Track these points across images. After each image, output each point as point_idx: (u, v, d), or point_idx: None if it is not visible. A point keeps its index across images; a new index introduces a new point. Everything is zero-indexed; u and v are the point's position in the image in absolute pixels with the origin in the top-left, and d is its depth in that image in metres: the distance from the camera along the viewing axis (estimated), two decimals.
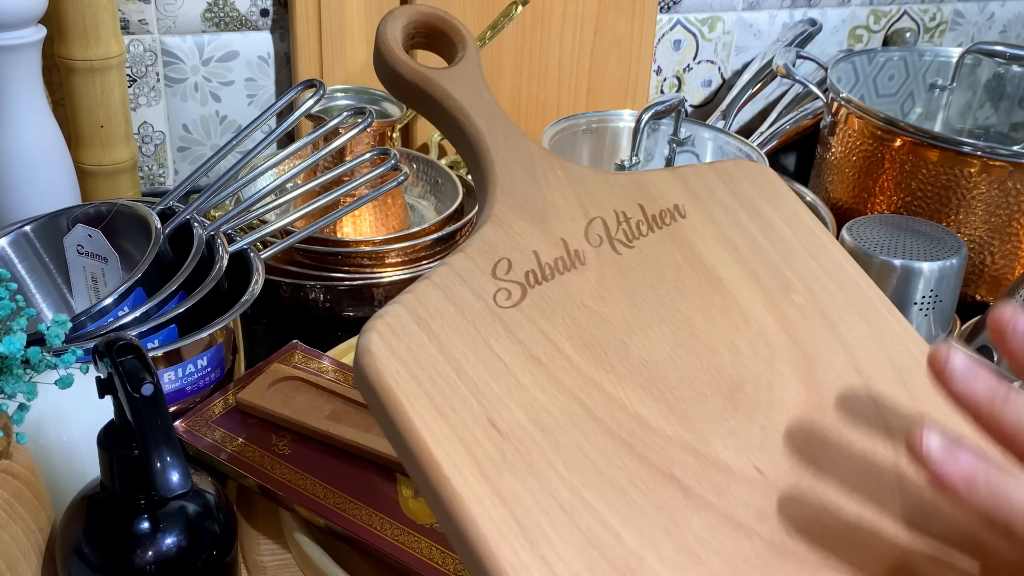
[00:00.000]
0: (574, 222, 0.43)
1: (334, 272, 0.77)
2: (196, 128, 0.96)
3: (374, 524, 0.51)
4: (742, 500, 0.36)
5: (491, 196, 0.43)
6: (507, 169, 0.44)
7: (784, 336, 0.42)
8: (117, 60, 0.81)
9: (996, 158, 0.80)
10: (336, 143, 0.71)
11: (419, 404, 0.34)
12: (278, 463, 0.55)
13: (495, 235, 0.41)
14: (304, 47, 0.92)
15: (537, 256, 0.41)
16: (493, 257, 0.40)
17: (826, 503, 0.37)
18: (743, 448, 0.38)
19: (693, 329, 0.41)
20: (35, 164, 0.75)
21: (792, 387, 0.41)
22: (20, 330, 0.45)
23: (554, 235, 0.42)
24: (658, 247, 0.44)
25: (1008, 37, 1.24)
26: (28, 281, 0.67)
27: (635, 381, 0.39)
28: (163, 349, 0.57)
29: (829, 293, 0.45)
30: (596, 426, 0.36)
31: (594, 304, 0.41)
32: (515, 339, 0.38)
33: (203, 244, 0.64)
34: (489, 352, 0.37)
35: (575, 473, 0.35)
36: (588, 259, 0.42)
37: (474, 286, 0.39)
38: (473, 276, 0.39)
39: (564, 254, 0.42)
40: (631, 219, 0.44)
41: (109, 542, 0.44)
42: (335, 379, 0.61)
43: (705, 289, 0.43)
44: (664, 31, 1.07)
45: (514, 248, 0.41)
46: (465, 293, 0.38)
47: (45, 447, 0.51)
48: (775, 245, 0.46)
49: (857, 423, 0.40)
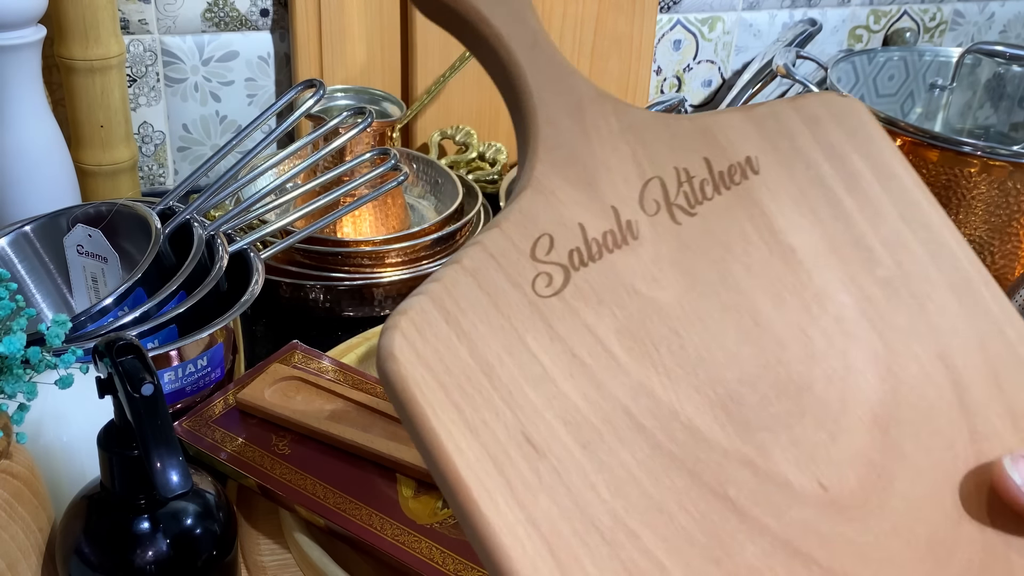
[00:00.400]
0: (627, 185, 0.37)
1: (334, 272, 0.77)
2: (196, 128, 0.96)
3: (374, 524, 0.51)
4: (802, 523, 0.33)
5: (531, 153, 0.37)
6: (551, 117, 0.38)
7: (863, 321, 0.37)
8: (117, 60, 0.81)
9: (996, 158, 0.80)
10: (336, 143, 0.71)
11: (447, 418, 0.31)
12: (278, 463, 0.55)
13: (535, 204, 0.36)
14: (304, 47, 0.92)
15: (583, 230, 0.36)
16: (533, 233, 0.35)
17: (896, 525, 0.33)
18: (807, 461, 0.34)
19: (759, 317, 0.36)
20: (35, 164, 0.75)
21: (867, 385, 0.36)
22: (20, 330, 0.45)
23: (603, 202, 0.36)
24: (724, 213, 0.38)
25: (1008, 37, 1.24)
26: (28, 281, 0.67)
27: (689, 383, 0.34)
28: (163, 349, 0.57)
29: (919, 266, 0.39)
30: (643, 439, 0.33)
31: (646, 289, 0.35)
32: (555, 335, 0.33)
33: (203, 244, 0.64)
34: (526, 352, 0.33)
35: (618, 496, 0.31)
36: (642, 232, 0.36)
37: (510, 271, 0.34)
38: (510, 258, 0.34)
39: (615, 226, 0.36)
40: (694, 178, 0.38)
41: (109, 542, 0.44)
42: (335, 379, 0.61)
43: (775, 265, 0.37)
44: (664, 31, 1.07)
45: (557, 221, 0.35)
46: (500, 280, 0.34)
47: (45, 447, 0.51)
48: (861, 206, 0.39)
49: (937, 428, 0.35)
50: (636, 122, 0.39)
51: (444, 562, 0.49)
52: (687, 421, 0.33)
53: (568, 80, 0.39)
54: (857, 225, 0.39)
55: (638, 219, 0.37)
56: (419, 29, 0.93)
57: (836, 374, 0.36)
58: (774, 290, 0.37)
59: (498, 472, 0.30)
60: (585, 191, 0.36)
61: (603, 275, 0.35)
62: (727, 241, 0.37)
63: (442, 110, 0.97)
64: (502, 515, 0.30)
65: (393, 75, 0.96)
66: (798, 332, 0.36)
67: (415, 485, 0.54)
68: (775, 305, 0.37)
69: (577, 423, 0.32)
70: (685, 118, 0.39)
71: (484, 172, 0.98)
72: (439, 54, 0.95)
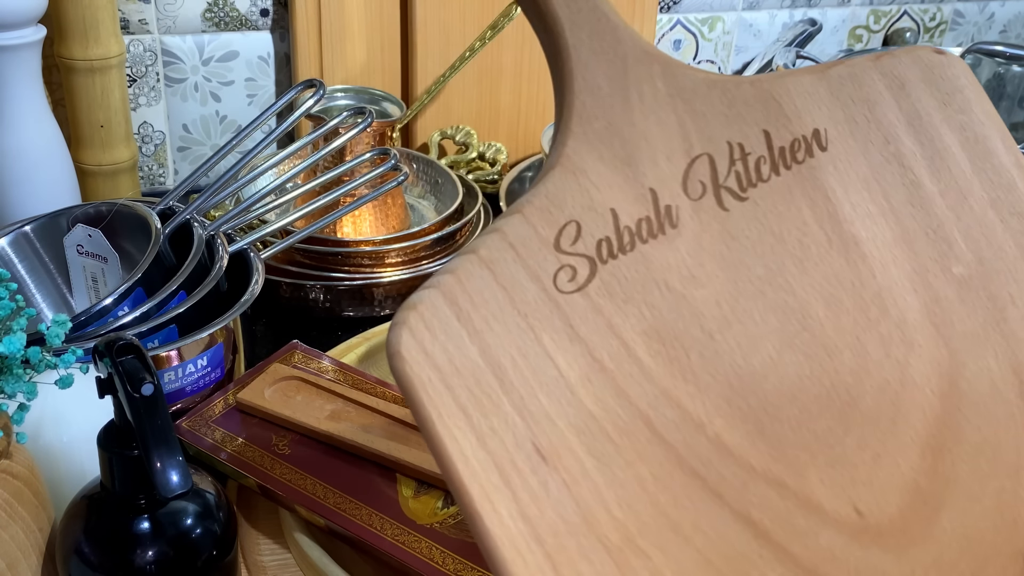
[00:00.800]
0: (670, 163, 0.33)
1: (334, 272, 0.77)
2: (196, 128, 0.96)
3: (374, 524, 0.51)
4: (830, 551, 0.30)
5: (565, 124, 0.33)
6: (589, 81, 0.33)
7: (928, 326, 0.33)
8: (117, 60, 0.81)
9: None
10: (336, 143, 0.71)
11: (453, 424, 0.29)
12: (278, 463, 0.55)
13: (564, 187, 0.32)
14: (304, 47, 0.92)
15: (615, 217, 0.32)
16: (558, 220, 0.31)
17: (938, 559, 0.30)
18: (846, 484, 0.30)
19: (808, 319, 0.32)
20: (35, 164, 0.75)
21: (924, 400, 0.32)
22: (20, 330, 0.45)
23: (641, 184, 0.32)
24: (781, 199, 0.33)
25: (1008, 37, 1.24)
26: (28, 281, 0.67)
27: (720, 394, 0.31)
28: (163, 349, 0.57)
29: (1006, 263, 0.34)
30: (663, 453, 0.30)
31: (682, 286, 0.32)
32: (575, 336, 0.30)
33: (203, 244, 0.64)
34: (541, 354, 0.30)
35: (630, 514, 0.29)
36: (682, 219, 0.32)
37: (530, 263, 0.31)
38: (531, 248, 0.31)
39: (651, 213, 0.32)
40: (750, 155, 0.33)
41: (109, 542, 0.44)
42: (335, 379, 0.61)
43: (834, 259, 0.33)
44: (664, 31, 1.07)
45: (586, 206, 0.32)
46: (519, 273, 0.30)
47: (45, 447, 0.51)
48: (945, 190, 0.34)
49: (1000, 453, 0.31)
50: (687, 87, 0.33)
51: (444, 562, 0.49)
52: (713, 436, 0.30)
53: (612, 35, 0.34)
54: (937, 213, 0.34)
55: (679, 204, 0.32)
56: (419, 29, 0.93)
57: (889, 387, 0.32)
58: (828, 289, 0.33)
59: (504, 483, 0.28)
60: (621, 171, 0.32)
61: (634, 269, 0.31)
62: (780, 231, 0.33)
63: (442, 110, 0.97)
64: (504, 528, 0.28)
65: (393, 75, 0.96)
66: (851, 338, 0.32)
67: (415, 485, 0.54)
68: (827, 306, 0.32)
69: (591, 433, 0.29)
70: (747, 81, 0.34)
71: (484, 172, 0.98)
72: (439, 54, 0.95)
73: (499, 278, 0.30)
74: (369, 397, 0.59)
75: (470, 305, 0.30)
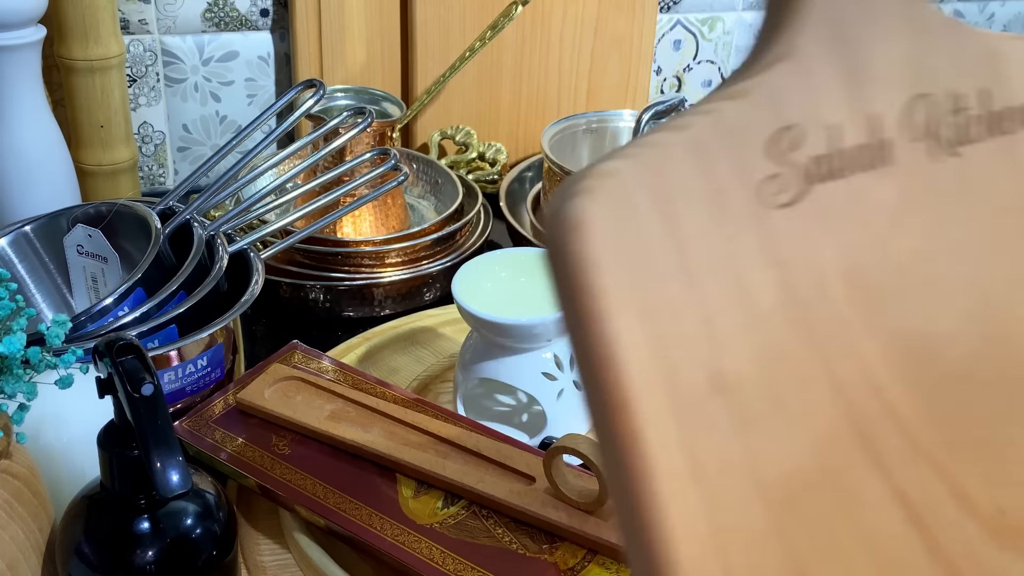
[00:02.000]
0: (891, 93, 0.28)
1: (334, 272, 0.77)
2: (196, 128, 0.96)
3: (374, 524, 0.51)
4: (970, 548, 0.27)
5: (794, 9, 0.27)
6: None
7: None
8: (117, 60, 0.81)
9: None
10: (336, 143, 0.71)
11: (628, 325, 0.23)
12: (278, 463, 0.55)
13: (790, 84, 0.26)
14: (304, 47, 0.92)
15: (840, 134, 0.27)
16: (778, 119, 0.26)
17: None
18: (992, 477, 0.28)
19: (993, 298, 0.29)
20: (35, 164, 0.75)
21: None
22: (20, 330, 0.45)
23: (867, 107, 0.27)
24: (986, 165, 0.29)
25: None
26: (28, 281, 0.67)
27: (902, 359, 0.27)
28: (163, 349, 0.57)
29: None
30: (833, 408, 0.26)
31: (887, 230, 0.27)
32: (773, 258, 0.25)
33: (203, 244, 0.64)
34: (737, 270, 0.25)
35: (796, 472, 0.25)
36: (897, 158, 0.28)
37: (742, 159, 0.25)
38: (745, 142, 0.26)
39: (872, 141, 0.27)
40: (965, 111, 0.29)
41: (109, 542, 0.44)
42: (335, 379, 0.61)
43: None
44: (664, 31, 1.07)
45: (811, 114, 0.26)
46: (727, 169, 0.25)
47: (45, 447, 0.51)
48: None
49: None
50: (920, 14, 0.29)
51: (444, 562, 0.49)
52: (888, 402, 0.27)
53: None
54: None
55: (895, 140, 0.28)
56: (419, 29, 0.94)
57: None
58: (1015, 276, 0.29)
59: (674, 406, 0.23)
60: (847, 85, 0.27)
61: (845, 199, 0.27)
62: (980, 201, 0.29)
63: (442, 110, 0.97)
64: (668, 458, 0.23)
65: (393, 75, 0.96)
66: None
67: (415, 485, 0.54)
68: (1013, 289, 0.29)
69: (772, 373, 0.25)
70: (973, 33, 0.30)
71: (484, 172, 0.98)
72: (439, 54, 0.95)
73: (706, 170, 0.25)
74: (369, 397, 0.59)
75: (670, 192, 0.24)
